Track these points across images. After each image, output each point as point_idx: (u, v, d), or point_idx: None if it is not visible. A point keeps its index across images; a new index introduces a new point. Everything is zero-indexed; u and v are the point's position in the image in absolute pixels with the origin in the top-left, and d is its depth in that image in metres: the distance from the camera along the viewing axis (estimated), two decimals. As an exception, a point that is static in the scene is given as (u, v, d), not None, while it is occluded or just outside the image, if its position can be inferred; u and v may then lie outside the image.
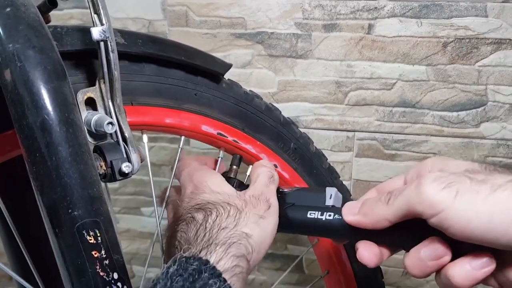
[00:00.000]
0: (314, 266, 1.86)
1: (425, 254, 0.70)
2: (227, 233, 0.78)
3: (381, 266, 1.22)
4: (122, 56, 0.85)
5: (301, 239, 1.83)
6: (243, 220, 0.82)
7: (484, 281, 0.69)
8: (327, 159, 1.18)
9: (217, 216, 0.81)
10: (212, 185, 0.90)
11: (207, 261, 0.70)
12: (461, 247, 0.68)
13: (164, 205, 1.02)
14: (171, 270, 0.67)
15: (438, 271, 0.71)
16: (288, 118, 1.12)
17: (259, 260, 0.83)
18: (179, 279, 0.65)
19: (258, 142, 1.05)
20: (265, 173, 0.96)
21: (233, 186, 0.99)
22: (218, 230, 0.78)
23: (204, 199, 0.87)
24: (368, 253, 0.78)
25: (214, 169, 1.04)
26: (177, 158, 1.02)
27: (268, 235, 0.85)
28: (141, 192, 1.94)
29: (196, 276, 0.66)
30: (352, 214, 0.79)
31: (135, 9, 1.66)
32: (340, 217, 0.81)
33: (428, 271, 0.71)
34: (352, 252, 1.16)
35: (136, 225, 1.99)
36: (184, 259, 0.70)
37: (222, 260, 0.72)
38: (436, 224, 0.66)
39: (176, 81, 0.94)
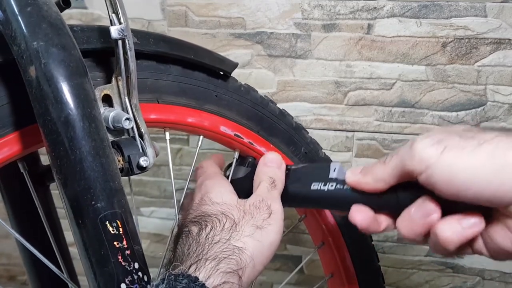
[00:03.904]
0: (313, 267, 1.86)
1: (415, 212, 0.72)
2: (219, 247, 0.78)
3: (381, 266, 1.23)
4: (149, 56, 0.88)
5: (301, 240, 1.84)
6: (237, 233, 0.81)
7: (471, 244, 0.71)
8: (334, 164, 1.19)
9: (211, 229, 0.81)
10: (214, 196, 0.90)
11: (196, 278, 0.70)
12: (453, 208, 0.69)
13: (179, 210, 1.01)
14: None
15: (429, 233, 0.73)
16: (300, 123, 1.13)
17: (256, 275, 0.82)
18: None
19: (271, 145, 1.07)
20: (266, 180, 0.94)
21: (246, 166, 1.02)
22: (211, 244, 0.78)
23: (204, 211, 0.87)
24: (360, 214, 0.80)
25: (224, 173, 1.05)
26: (195, 159, 1.03)
27: (266, 247, 0.83)
28: (140, 192, 1.94)
29: None
30: (353, 175, 0.81)
31: (135, 9, 1.67)
32: (342, 186, 0.84)
33: (418, 230, 0.72)
34: (356, 255, 1.17)
35: (136, 225, 1.98)
36: (172, 276, 0.69)
37: (211, 277, 0.72)
38: (424, 182, 0.68)
39: (199, 82, 0.96)
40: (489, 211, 0.68)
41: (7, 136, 0.71)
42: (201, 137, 1.02)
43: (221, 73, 1.00)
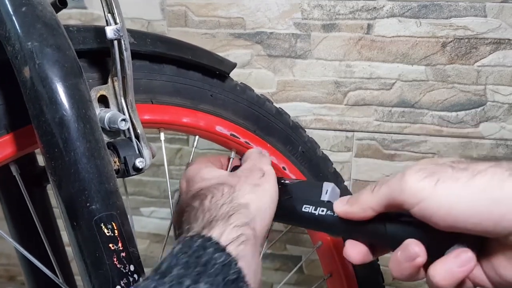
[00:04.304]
0: (313, 267, 1.86)
1: (400, 256, 0.71)
2: (225, 208, 0.78)
3: (380, 266, 1.23)
4: (143, 56, 0.88)
5: (301, 240, 1.83)
6: (237, 193, 0.83)
7: (473, 279, 0.70)
8: (332, 164, 1.19)
9: (212, 197, 0.82)
10: (204, 174, 0.92)
11: (210, 238, 0.70)
12: (443, 245, 0.69)
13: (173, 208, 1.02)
14: (176, 249, 0.67)
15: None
16: (297, 122, 1.13)
17: (267, 226, 0.84)
18: (183, 256, 0.65)
19: (268, 145, 1.07)
20: (254, 151, 1.00)
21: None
22: (216, 208, 0.79)
23: (199, 187, 0.88)
24: (353, 250, 0.81)
25: (227, 167, 1.05)
26: (190, 159, 1.02)
27: (267, 201, 0.85)
28: (140, 192, 1.94)
29: (201, 252, 0.66)
30: (341, 205, 0.80)
31: (134, 9, 1.67)
32: (332, 213, 0.83)
33: (406, 273, 0.72)
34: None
35: (136, 226, 1.98)
36: (188, 238, 0.70)
37: (225, 232, 0.72)
38: (418, 214, 0.67)
39: (194, 82, 0.96)
40: (484, 241, 0.67)
41: (0, 138, 0.71)
42: (197, 137, 1.02)
43: (219, 73, 1.00)
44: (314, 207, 0.86)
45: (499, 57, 1.46)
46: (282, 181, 0.97)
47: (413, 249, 0.70)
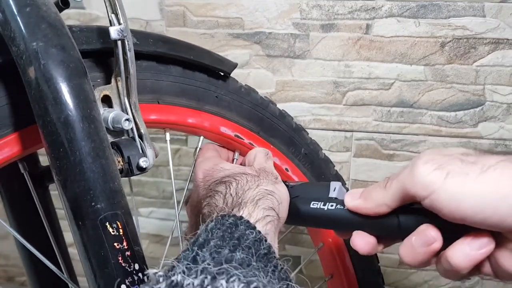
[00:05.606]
0: (312, 267, 1.86)
1: (416, 241, 0.72)
2: (252, 192, 0.83)
3: (380, 266, 1.23)
4: (150, 57, 0.89)
5: (300, 240, 1.83)
6: (262, 181, 0.87)
7: (480, 267, 0.70)
8: (334, 166, 1.20)
9: (237, 184, 0.86)
10: (224, 165, 0.95)
11: (241, 217, 0.74)
12: (456, 231, 0.69)
13: (181, 204, 1.03)
14: (209, 225, 0.70)
15: (439, 258, 0.73)
16: (300, 124, 1.14)
17: (284, 219, 0.88)
18: (218, 231, 0.68)
19: (271, 146, 1.08)
20: (261, 152, 1.02)
21: None
22: (243, 192, 0.83)
23: (221, 176, 0.91)
24: (361, 240, 0.81)
25: (231, 161, 1.08)
26: (195, 158, 1.03)
27: (285, 197, 0.89)
28: (139, 192, 1.94)
29: (234, 228, 0.69)
30: (353, 199, 0.80)
31: (133, 9, 1.67)
32: (342, 207, 0.83)
33: (420, 258, 0.72)
34: (355, 256, 1.17)
35: (134, 225, 1.98)
36: (220, 217, 0.73)
37: (254, 212, 0.77)
38: (429, 206, 0.67)
39: (200, 83, 0.97)
40: (494, 234, 0.67)
41: (7, 136, 0.72)
42: (201, 137, 1.03)
43: (221, 73, 1.00)
44: (322, 203, 0.86)
45: (498, 57, 1.46)
46: (286, 183, 0.97)
47: (430, 233, 0.70)
